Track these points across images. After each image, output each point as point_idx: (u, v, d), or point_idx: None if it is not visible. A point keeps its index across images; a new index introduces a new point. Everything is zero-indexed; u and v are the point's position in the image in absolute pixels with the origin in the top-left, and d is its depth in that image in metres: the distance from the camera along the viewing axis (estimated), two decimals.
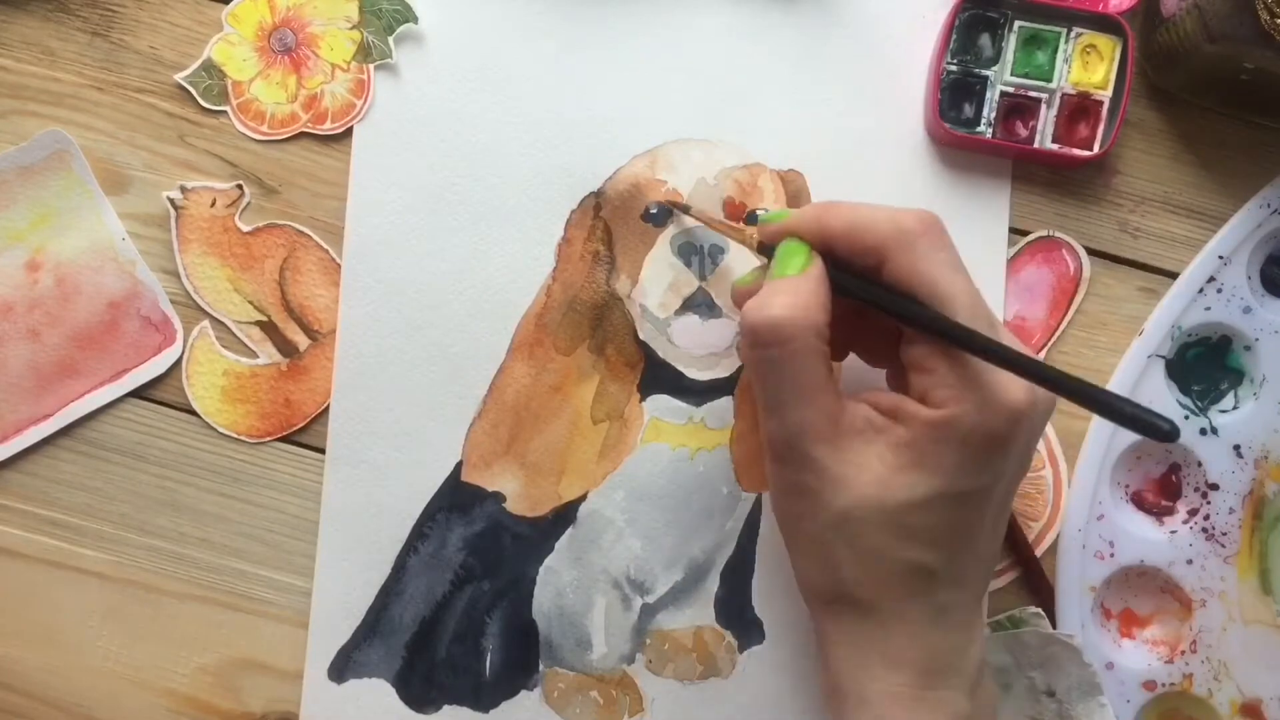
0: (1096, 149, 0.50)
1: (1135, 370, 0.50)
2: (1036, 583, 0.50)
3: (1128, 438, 0.50)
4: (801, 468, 0.40)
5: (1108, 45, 0.50)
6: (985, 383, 0.38)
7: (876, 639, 0.40)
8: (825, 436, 0.40)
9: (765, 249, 0.44)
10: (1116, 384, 0.50)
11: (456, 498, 0.50)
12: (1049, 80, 0.50)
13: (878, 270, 0.40)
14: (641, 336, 0.50)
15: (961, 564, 0.40)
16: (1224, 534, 0.50)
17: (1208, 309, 0.50)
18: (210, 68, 0.50)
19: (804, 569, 0.42)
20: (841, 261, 0.41)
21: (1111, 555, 0.50)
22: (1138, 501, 0.51)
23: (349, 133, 0.50)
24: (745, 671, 0.50)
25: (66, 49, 0.50)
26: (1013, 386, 0.38)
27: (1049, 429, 0.50)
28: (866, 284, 0.41)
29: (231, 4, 0.50)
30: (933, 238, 0.40)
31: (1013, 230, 0.51)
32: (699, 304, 0.50)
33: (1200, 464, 0.50)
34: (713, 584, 0.50)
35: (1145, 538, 0.50)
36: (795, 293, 0.40)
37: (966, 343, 0.38)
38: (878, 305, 0.41)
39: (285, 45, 0.50)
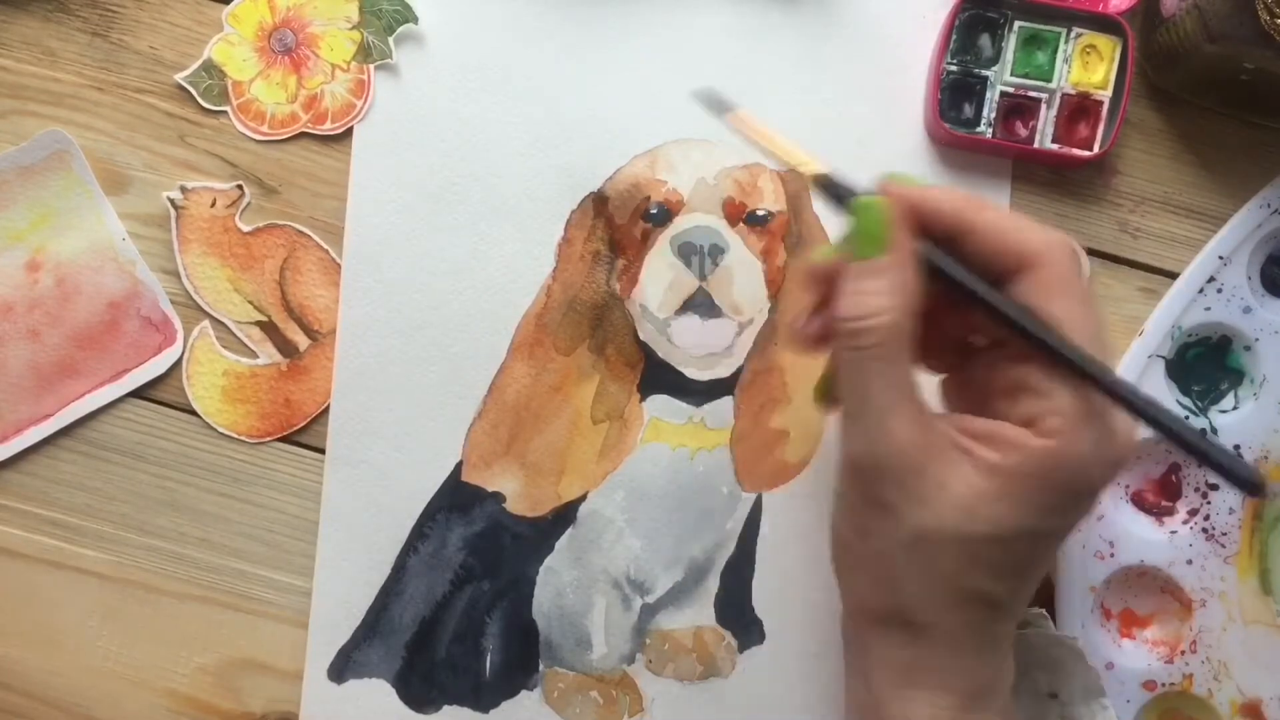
0: (1096, 149, 0.50)
1: (1135, 370, 0.50)
2: None
3: None
4: (882, 481, 0.37)
5: (1108, 45, 0.50)
6: (1104, 420, 0.36)
7: (926, 663, 0.39)
8: (913, 450, 0.37)
9: (831, 190, 0.40)
10: None
11: (456, 498, 0.50)
12: (1049, 80, 0.50)
13: (999, 281, 0.38)
14: (641, 336, 0.50)
15: (1020, 598, 0.39)
16: (1224, 534, 0.50)
17: (1208, 309, 0.50)
18: (210, 68, 0.50)
19: (858, 585, 0.40)
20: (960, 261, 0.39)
21: (1111, 555, 0.50)
22: (1138, 501, 0.51)
23: (349, 133, 0.50)
24: (745, 671, 0.50)
25: (66, 49, 0.50)
26: (1125, 427, 0.37)
27: None
28: (996, 292, 0.38)
29: (231, 4, 0.50)
30: (1076, 264, 0.38)
31: None
32: (699, 304, 0.50)
33: (1200, 464, 0.50)
34: (713, 584, 0.50)
35: (1145, 538, 0.50)
36: (895, 281, 0.37)
37: (1101, 379, 0.36)
38: (1004, 318, 0.37)
39: (285, 45, 0.50)
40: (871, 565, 0.39)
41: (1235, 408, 0.51)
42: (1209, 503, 0.50)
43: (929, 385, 0.41)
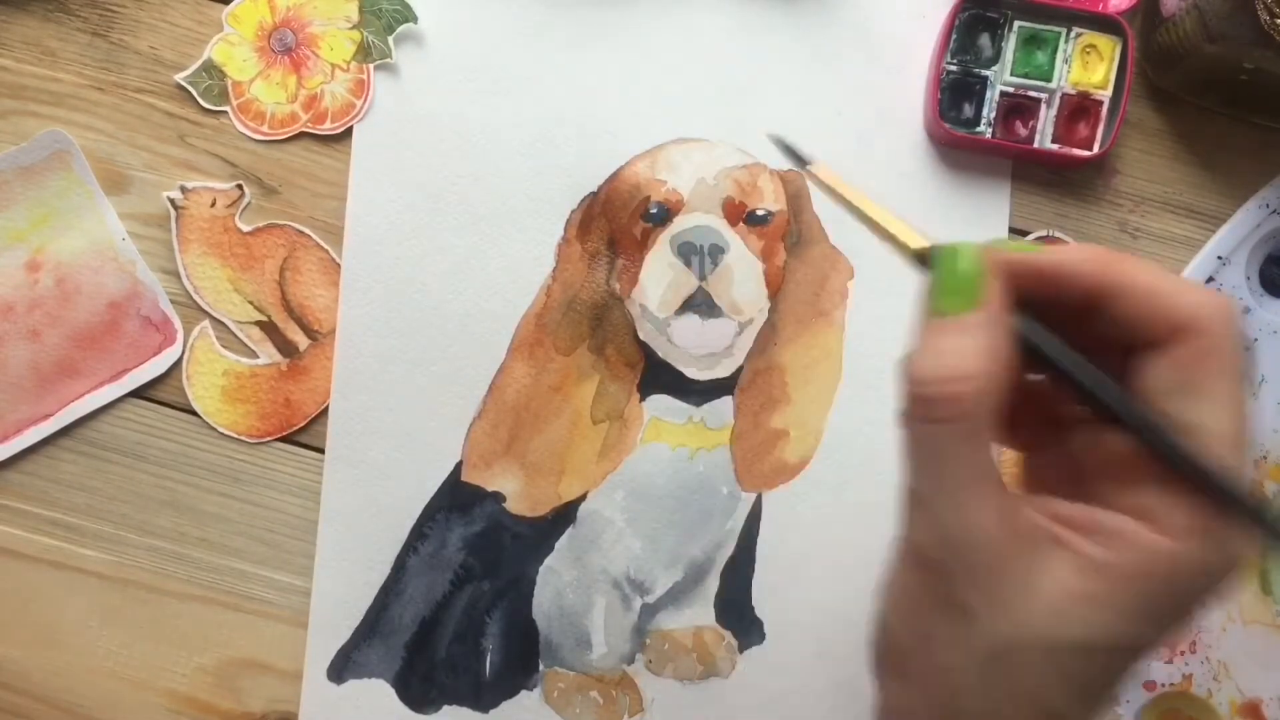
0: (1096, 149, 0.50)
1: None
2: None
3: None
4: (955, 580, 0.31)
5: (1107, 45, 0.50)
6: (1229, 526, 0.30)
7: None
8: (998, 543, 0.30)
9: (927, 260, 0.32)
10: None
11: (456, 498, 0.50)
12: (1049, 80, 0.50)
13: (1142, 349, 0.31)
14: (641, 336, 0.50)
15: (1094, 714, 0.32)
16: None
17: None
18: (210, 68, 0.50)
19: (909, 696, 0.33)
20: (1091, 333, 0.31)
21: None
22: None
23: (349, 133, 0.50)
24: (745, 671, 0.50)
25: (66, 49, 0.50)
26: (1240, 536, 0.30)
27: None
28: (1115, 387, 0.31)
29: (232, 4, 0.50)
30: (1236, 335, 0.30)
31: (1013, 230, 0.51)
32: (699, 304, 0.50)
33: None
34: (713, 584, 0.50)
35: None
36: (985, 342, 0.30)
37: (1243, 501, 0.29)
38: (1125, 422, 0.30)
39: (285, 45, 0.50)
40: (933, 677, 0.32)
41: None
42: None
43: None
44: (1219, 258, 0.50)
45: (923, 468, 0.31)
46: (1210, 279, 0.50)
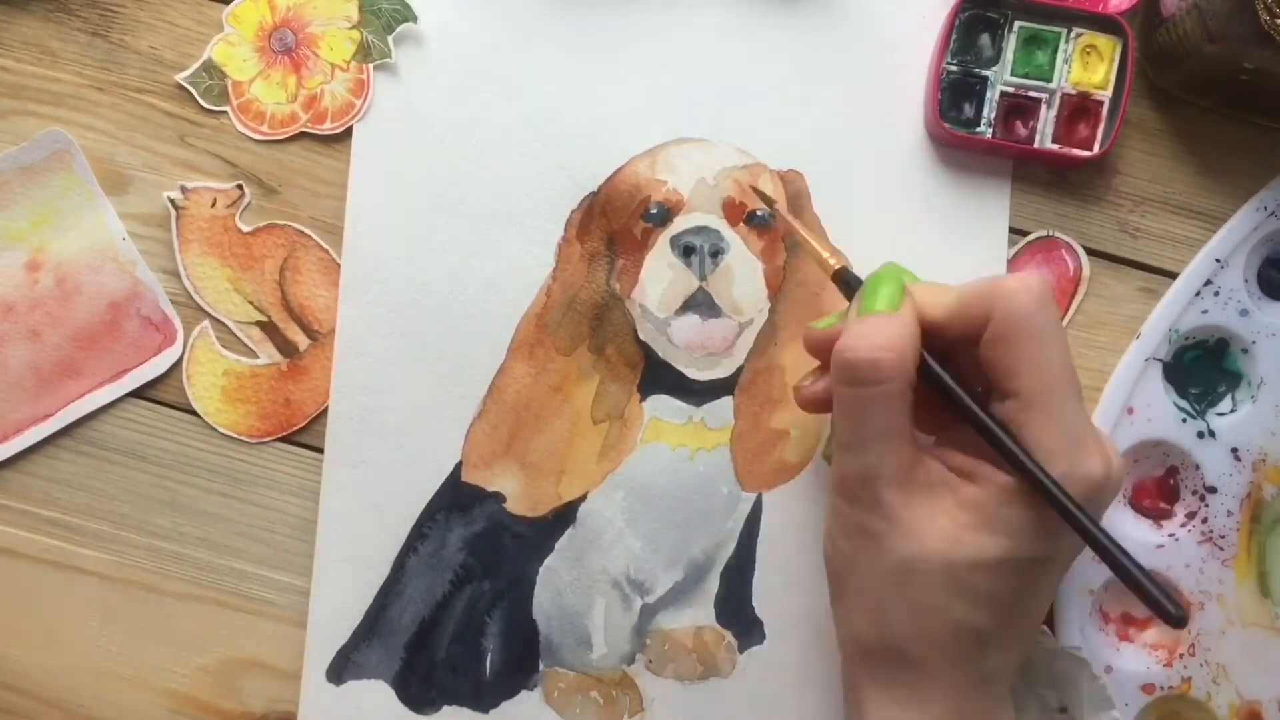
0: (1096, 149, 0.50)
1: (1133, 374, 0.50)
2: None
3: (1127, 439, 0.50)
4: (871, 510, 0.40)
5: (1108, 45, 0.50)
6: (1067, 454, 0.38)
7: (918, 700, 0.40)
8: (900, 482, 0.39)
9: (844, 282, 0.44)
10: (1114, 387, 0.50)
11: (456, 498, 0.50)
12: (1049, 80, 0.50)
13: (975, 341, 0.40)
14: (641, 336, 0.50)
15: (1014, 632, 0.40)
16: (1222, 537, 0.50)
17: (1205, 312, 0.50)
18: (210, 68, 0.50)
19: (851, 618, 0.42)
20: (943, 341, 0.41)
21: None
22: (1136, 505, 0.51)
23: (349, 133, 0.50)
24: (745, 671, 0.50)
25: (66, 49, 0.50)
26: (1092, 461, 0.38)
27: None
28: (953, 385, 0.41)
29: (232, 4, 0.50)
30: (1032, 299, 0.39)
31: (1013, 230, 0.51)
32: (699, 304, 0.50)
33: (1198, 467, 0.50)
34: (713, 584, 0.50)
35: (1143, 541, 0.50)
36: (892, 332, 0.39)
37: (1060, 503, 0.38)
38: (982, 431, 0.40)
39: (285, 45, 0.50)
40: (862, 598, 0.41)
41: (1233, 410, 0.51)
42: (1207, 505, 0.50)
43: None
44: (1217, 260, 0.50)
45: (848, 422, 0.40)
46: (1208, 282, 0.50)
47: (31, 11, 0.50)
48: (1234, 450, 0.50)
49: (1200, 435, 0.50)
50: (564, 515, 0.50)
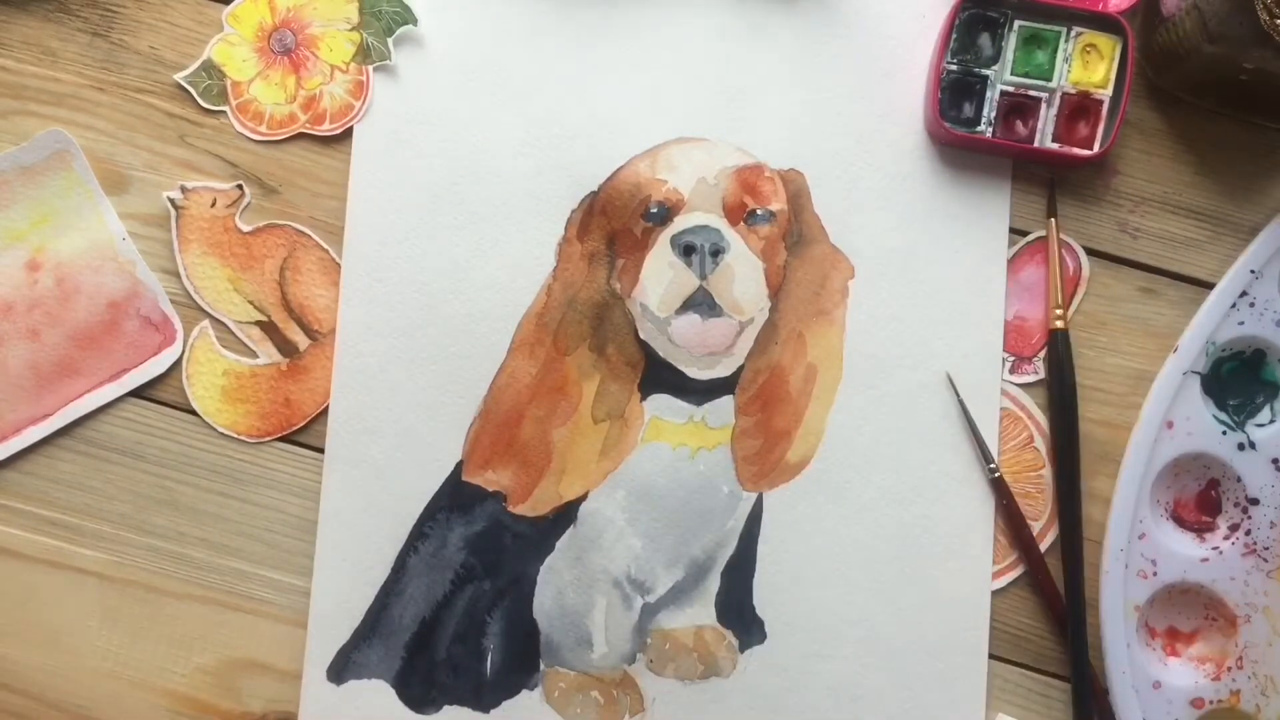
0: (1096, 148, 0.50)
1: (1172, 387, 0.49)
2: (1041, 580, 0.50)
3: (1167, 453, 0.49)
4: None
5: (1108, 45, 0.50)
6: None
7: None
8: None
9: None
10: (1153, 402, 0.50)
11: (457, 497, 0.50)
12: (1049, 80, 0.50)
13: None
14: (642, 336, 0.50)
15: None
16: (1266, 548, 0.50)
17: (1241, 323, 0.50)
18: (210, 68, 0.50)
19: None
20: None
21: (1154, 574, 0.49)
22: (1178, 519, 0.50)
23: (348, 133, 0.50)
24: (746, 671, 0.50)
25: (67, 49, 0.50)
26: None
27: (1038, 418, 0.50)
28: None
29: (232, 5, 0.50)
30: None
31: (1013, 230, 0.51)
32: (699, 303, 0.50)
33: (1239, 479, 0.50)
34: (713, 583, 0.50)
35: (1187, 555, 0.50)
36: None
37: None
38: None
39: (285, 46, 0.50)
40: None
41: (1272, 421, 0.50)
42: (1249, 518, 0.50)
43: None
44: (1252, 271, 0.50)
45: None
46: (1244, 293, 0.50)
47: (31, 11, 0.50)
48: (1275, 461, 0.50)
49: (1240, 447, 0.50)
50: (565, 515, 0.50)
